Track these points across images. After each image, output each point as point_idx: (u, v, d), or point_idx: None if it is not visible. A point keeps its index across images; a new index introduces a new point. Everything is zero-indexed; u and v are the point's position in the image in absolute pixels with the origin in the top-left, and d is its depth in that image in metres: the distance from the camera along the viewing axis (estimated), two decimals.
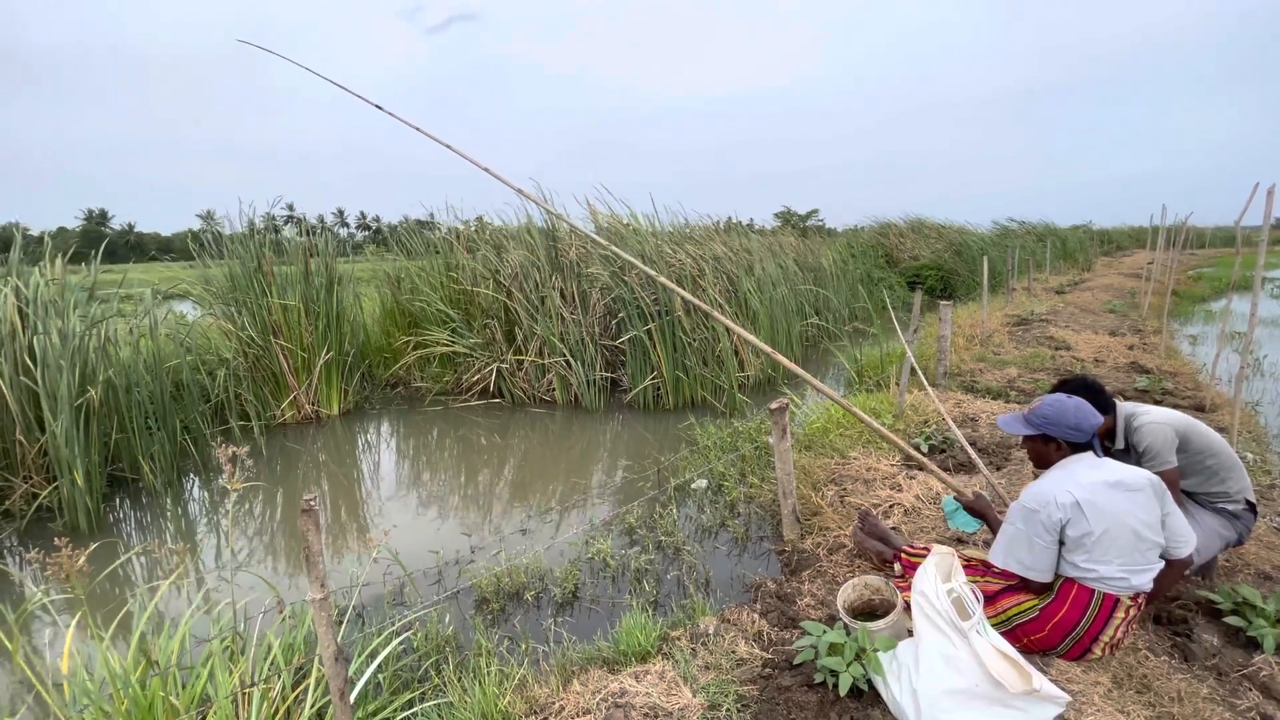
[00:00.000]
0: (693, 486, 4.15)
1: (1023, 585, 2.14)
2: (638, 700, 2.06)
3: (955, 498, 2.62)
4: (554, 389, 7.01)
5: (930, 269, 15.90)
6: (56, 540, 1.89)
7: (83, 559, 1.89)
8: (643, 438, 5.81)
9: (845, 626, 2.19)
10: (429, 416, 6.76)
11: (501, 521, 4.09)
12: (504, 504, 4.48)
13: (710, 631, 2.46)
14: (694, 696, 2.09)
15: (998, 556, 2.13)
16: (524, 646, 2.56)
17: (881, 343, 7.43)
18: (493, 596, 2.99)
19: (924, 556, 2.50)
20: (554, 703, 2.10)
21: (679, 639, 2.44)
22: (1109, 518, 1.97)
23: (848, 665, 1.99)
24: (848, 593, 2.40)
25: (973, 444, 4.17)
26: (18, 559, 3.82)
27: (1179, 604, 2.43)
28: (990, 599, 2.14)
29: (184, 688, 1.95)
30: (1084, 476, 2.03)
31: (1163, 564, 2.07)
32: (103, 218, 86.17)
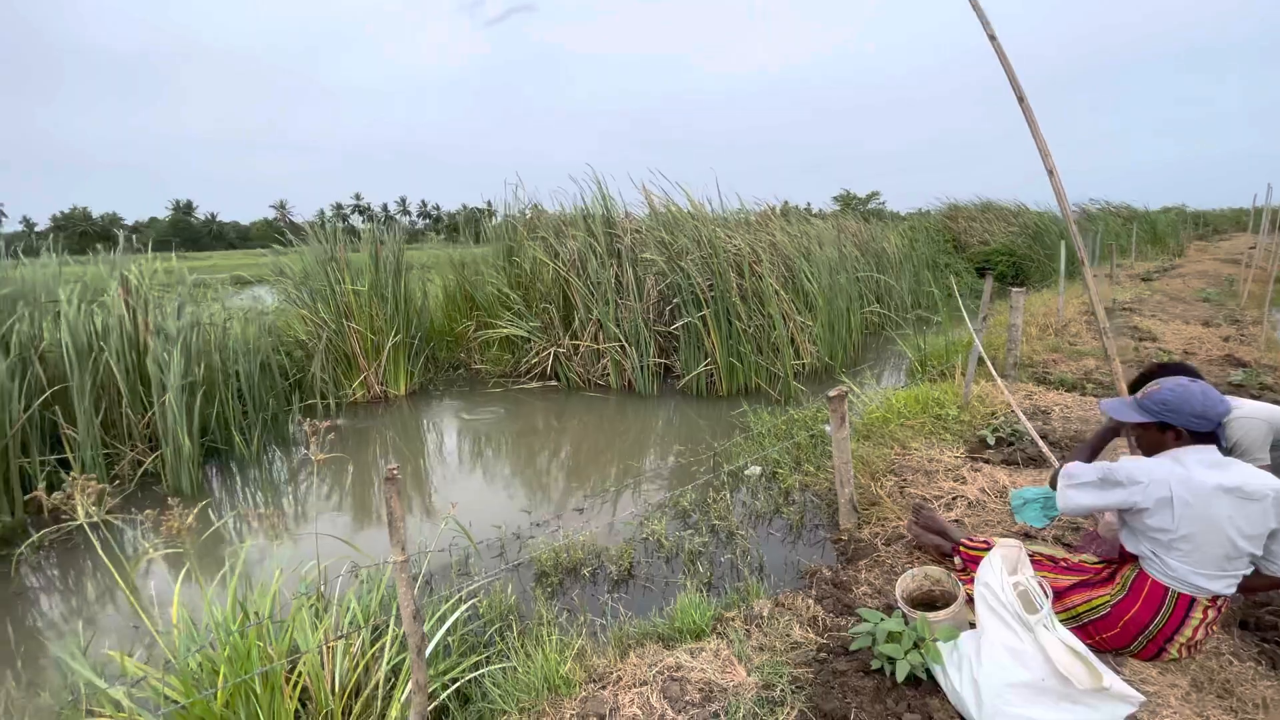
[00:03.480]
0: (746, 473, 4.16)
1: (1097, 581, 2.06)
2: (693, 675, 2.12)
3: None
4: (608, 374, 7.11)
5: (1001, 254, 15.13)
6: (169, 500, 2.10)
7: (191, 517, 2.09)
8: (695, 423, 5.84)
9: (904, 616, 2.17)
10: (489, 398, 7.00)
11: (559, 500, 4.22)
12: (561, 483, 4.61)
13: (764, 614, 2.49)
14: (748, 675, 2.13)
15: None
16: (582, 618, 2.65)
17: (947, 331, 7.17)
18: (551, 570, 3.11)
19: (985, 550, 2.44)
20: (612, 672, 2.18)
21: (733, 620, 2.48)
22: (1202, 523, 1.82)
23: (906, 653, 1.98)
24: (907, 582, 2.38)
25: (1044, 437, 4.00)
26: (128, 518, 4.23)
27: (1269, 610, 2.29)
28: (1060, 594, 2.08)
29: (274, 640, 2.13)
30: (1197, 473, 1.84)
31: (1251, 570, 1.95)
32: (189, 208, 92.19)
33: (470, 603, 2.52)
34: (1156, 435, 1.99)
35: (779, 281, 6.89)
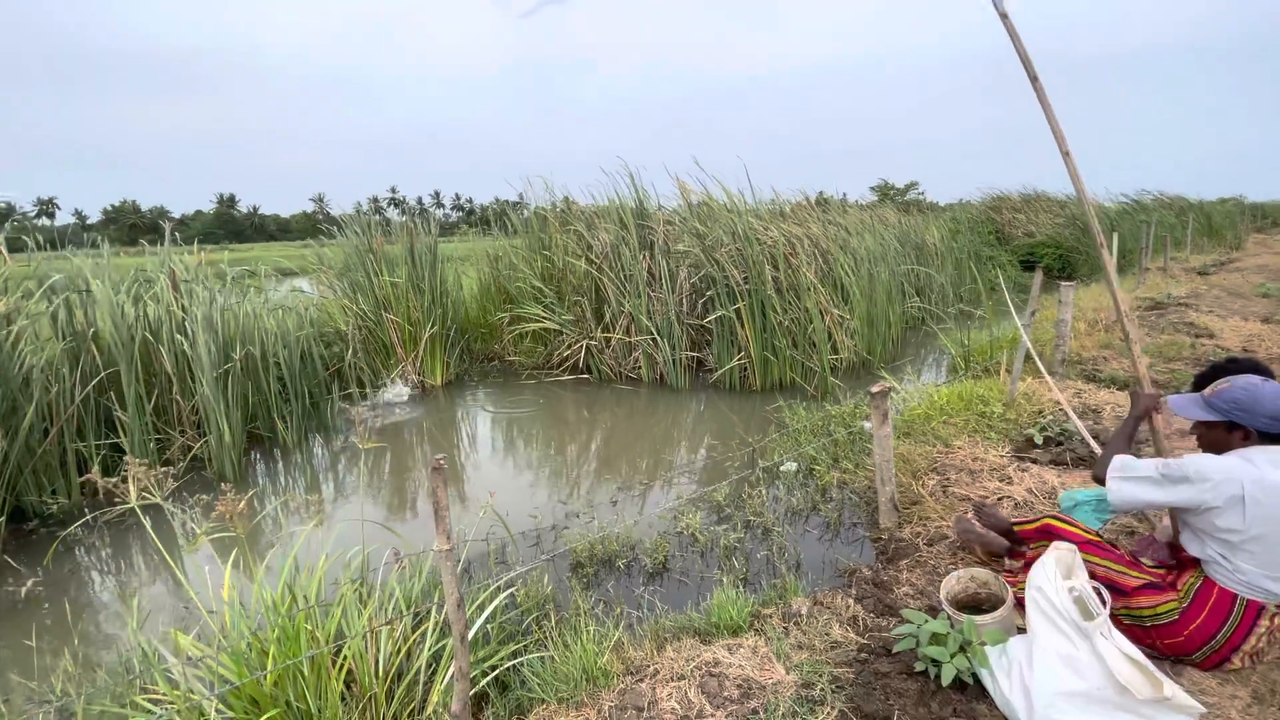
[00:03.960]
0: (782, 469, 4.11)
1: (1165, 585, 1.97)
2: (731, 671, 2.10)
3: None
4: (640, 367, 7.10)
5: (1047, 246, 14.61)
6: (222, 486, 2.16)
7: (243, 503, 2.15)
8: (728, 418, 5.79)
9: (949, 618, 2.12)
10: (523, 389, 7.06)
11: (592, 491, 4.23)
12: (593, 475, 4.63)
13: (803, 612, 2.45)
14: (787, 673, 2.10)
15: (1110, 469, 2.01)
16: (618, 610, 2.65)
17: (992, 325, 6.96)
18: (587, 561, 3.12)
19: (1035, 526, 2.37)
20: (649, 665, 2.18)
21: (771, 617, 2.45)
22: (1275, 523, 1.75)
23: (951, 656, 1.93)
24: (951, 584, 2.32)
25: (1095, 437, 3.85)
26: (178, 502, 4.39)
27: None
28: (1127, 592, 1.98)
29: (321, 625, 2.18)
30: (1269, 473, 1.77)
31: None
32: (232, 201, 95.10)
33: (508, 592, 2.54)
34: (1223, 434, 1.93)
35: (816, 274, 6.76)
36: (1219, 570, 1.87)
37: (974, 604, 2.37)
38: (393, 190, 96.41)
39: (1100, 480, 2.08)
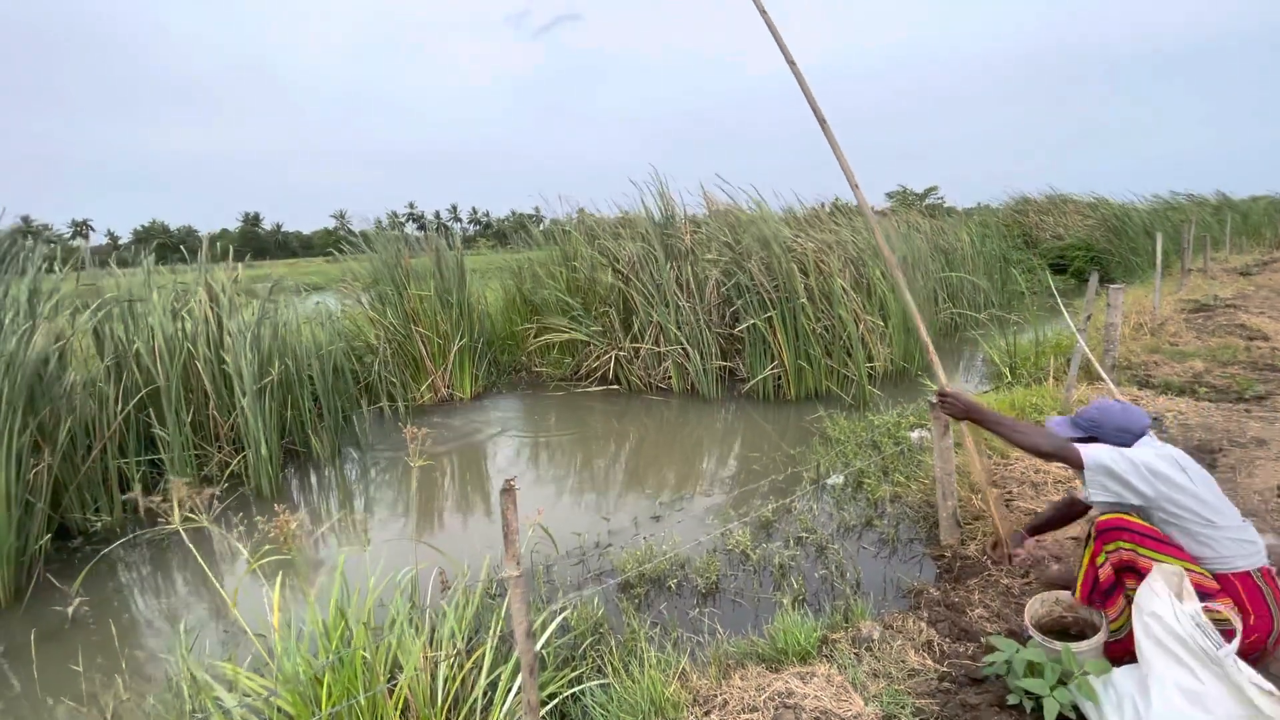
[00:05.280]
0: (829, 482, 3.98)
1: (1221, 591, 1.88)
2: (807, 703, 1.98)
3: (938, 393, 2.48)
4: (670, 377, 7.00)
5: (1078, 249, 14.28)
6: (275, 506, 2.10)
7: (295, 524, 2.08)
8: (762, 429, 5.66)
9: (1041, 645, 1.97)
10: (551, 401, 6.99)
11: (633, 507, 4.13)
12: (632, 489, 4.52)
13: (874, 637, 2.32)
14: (865, 705, 1.97)
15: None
16: (674, 634, 2.54)
17: (1037, 327, 6.75)
18: (636, 581, 3.01)
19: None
20: (716, 695, 2.07)
21: (839, 641, 2.32)
22: (1203, 483, 1.90)
23: (1052, 689, 1.79)
24: (1036, 608, 2.17)
25: None
26: (219, 521, 4.37)
27: None
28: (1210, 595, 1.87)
29: (375, 652, 2.10)
30: (1153, 446, 2.00)
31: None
32: (256, 220, 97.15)
33: (561, 616, 2.44)
34: None
35: (848, 281, 6.63)
36: (1213, 549, 1.84)
37: (1061, 629, 2.22)
38: (410, 206, 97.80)
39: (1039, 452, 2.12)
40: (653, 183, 7.66)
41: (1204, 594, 1.84)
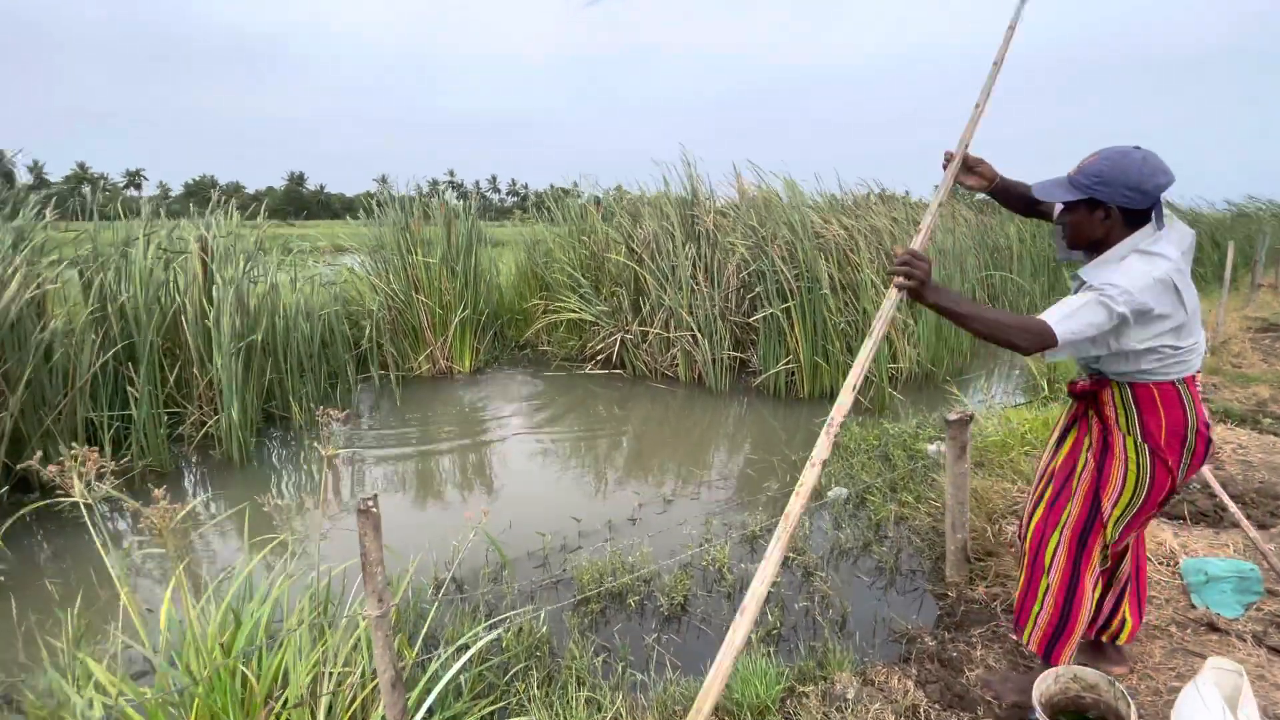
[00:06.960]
0: (829, 495, 3.59)
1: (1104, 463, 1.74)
2: None
3: (900, 255, 1.60)
4: (677, 364, 6.63)
5: None
6: (155, 493, 1.83)
7: (179, 516, 1.81)
8: (770, 427, 5.27)
9: None
10: (552, 381, 6.70)
11: (611, 505, 3.80)
12: (615, 485, 4.20)
13: (848, 696, 1.96)
14: None
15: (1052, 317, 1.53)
16: (619, 668, 2.21)
17: None
18: (594, 597, 2.69)
19: None
20: None
21: (807, 697, 1.97)
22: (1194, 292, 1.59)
23: None
24: (1049, 684, 1.78)
25: (1223, 486, 3.18)
26: (188, 478, 4.20)
27: None
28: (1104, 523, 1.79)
29: (263, 661, 1.83)
30: (1170, 253, 1.53)
31: None
32: (300, 179, 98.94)
33: (492, 635, 2.13)
34: (1086, 218, 1.63)
35: (878, 273, 6.13)
36: (1158, 364, 1.58)
37: (1077, 711, 1.83)
38: (451, 174, 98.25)
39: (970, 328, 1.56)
40: (680, 160, 7.21)
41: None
